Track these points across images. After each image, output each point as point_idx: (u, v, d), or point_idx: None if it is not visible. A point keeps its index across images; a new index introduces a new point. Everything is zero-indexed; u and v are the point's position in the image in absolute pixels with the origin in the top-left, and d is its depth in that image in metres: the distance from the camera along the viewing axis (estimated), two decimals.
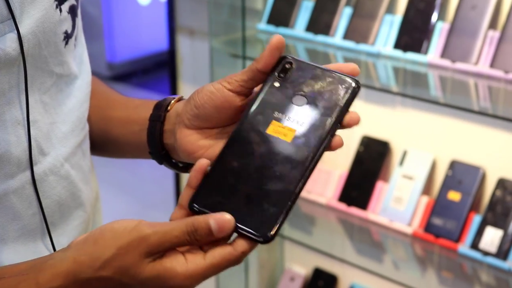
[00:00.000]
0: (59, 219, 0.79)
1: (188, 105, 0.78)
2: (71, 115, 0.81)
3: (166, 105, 0.83)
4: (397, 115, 1.88)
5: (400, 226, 1.80)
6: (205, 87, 0.76)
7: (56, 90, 0.79)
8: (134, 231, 0.65)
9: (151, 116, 0.84)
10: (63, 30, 0.77)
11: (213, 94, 0.75)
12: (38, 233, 0.77)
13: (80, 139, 0.83)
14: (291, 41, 1.96)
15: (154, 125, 0.83)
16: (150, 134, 0.83)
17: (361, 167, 1.92)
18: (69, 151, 0.81)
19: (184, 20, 2.27)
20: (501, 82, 1.61)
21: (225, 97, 0.74)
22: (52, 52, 0.76)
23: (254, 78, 0.73)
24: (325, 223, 2.07)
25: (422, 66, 1.73)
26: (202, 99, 0.76)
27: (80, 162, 0.84)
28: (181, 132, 0.79)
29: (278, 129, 0.69)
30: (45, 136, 0.77)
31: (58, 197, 0.79)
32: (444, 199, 1.77)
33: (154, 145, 0.84)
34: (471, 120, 1.74)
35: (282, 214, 0.65)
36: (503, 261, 1.64)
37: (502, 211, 1.68)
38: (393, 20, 1.79)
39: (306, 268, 2.17)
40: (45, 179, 0.77)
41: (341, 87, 0.70)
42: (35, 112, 0.75)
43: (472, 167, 1.75)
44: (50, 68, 0.77)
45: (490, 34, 1.65)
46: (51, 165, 0.77)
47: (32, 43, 0.72)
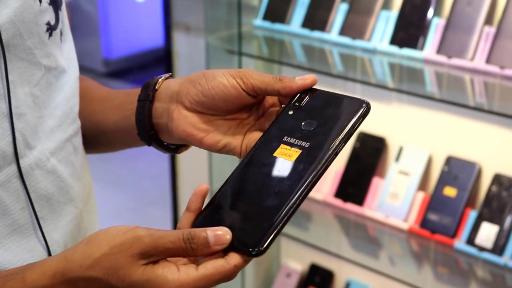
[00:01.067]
0: (49, 214, 0.79)
1: (192, 89, 0.77)
2: (58, 109, 0.81)
3: (154, 83, 0.82)
4: (393, 111, 1.88)
5: (396, 222, 1.81)
6: (216, 76, 0.76)
7: (46, 84, 0.78)
8: (129, 233, 0.64)
9: (140, 96, 0.83)
10: (45, 21, 0.77)
11: (227, 89, 0.75)
12: (29, 228, 0.77)
13: (68, 134, 0.83)
14: (287, 37, 1.96)
15: (142, 104, 0.82)
16: (139, 114, 0.83)
17: (357, 163, 1.92)
18: (56, 146, 0.80)
19: (180, 16, 2.27)
20: (497, 77, 1.61)
21: (238, 95, 0.75)
22: (36, 43, 0.76)
23: (270, 93, 0.74)
24: (321, 219, 2.07)
25: (418, 62, 1.73)
26: (213, 90, 0.76)
27: (70, 157, 0.83)
28: (179, 113, 0.78)
29: (284, 151, 0.71)
30: (32, 130, 0.76)
31: (45, 191, 0.78)
32: (440, 194, 1.77)
33: (142, 126, 0.83)
34: (467, 116, 1.75)
35: (273, 227, 0.65)
36: (499, 256, 1.64)
37: (498, 207, 1.68)
38: (389, 16, 1.79)
39: (302, 264, 2.17)
40: (31, 173, 0.76)
41: (350, 109, 0.72)
42: (24, 105, 0.75)
43: (468, 162, 1.75)
44: (37, 59, 0.76)
45: (486, 29, 1.65)
46: (37, 159, 0.77)
47: (12, 33, 0.72)
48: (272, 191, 0.68)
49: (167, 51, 2.33)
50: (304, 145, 0.70)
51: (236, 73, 0.75)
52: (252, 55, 2.06)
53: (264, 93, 0.75)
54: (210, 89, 0.76)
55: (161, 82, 0.83)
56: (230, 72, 0.75)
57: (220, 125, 0.78)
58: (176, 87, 0.80)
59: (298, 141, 0.71)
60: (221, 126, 0.78)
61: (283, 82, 0.74)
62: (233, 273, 0.64)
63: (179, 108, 0.79)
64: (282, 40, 2.00)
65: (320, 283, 2.12)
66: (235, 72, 0.75)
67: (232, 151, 0.78)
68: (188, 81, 0.78)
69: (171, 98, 0.80)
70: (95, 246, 0.64)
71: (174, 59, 2.32)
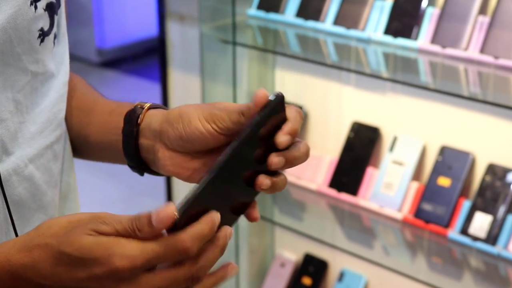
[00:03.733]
0: (18, 220, 0.78)
1: (172, 132, 0.76)
2: (41, 115, 0.80)
3: (136, 118, 0.81)
4: (387, 101, 1.88)
5: (390, 212, 1.81)
6: (192, 121, 0.75)
7: (31, 89, 0.77)
8: (87, 213, 0.65)
9: (123, 130, 0.82)
10: (38, 27, 0.76)
11: (203, 135, 0.74)
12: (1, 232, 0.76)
13: (50, 140, 0.82)
14: (281, 27, 1.96)
15: (127, 140, 0.81)
16: (126, 148, 0.82)
17: (351, 153, 1.92)
18: (35, 152, 0.79)
19: (174, 5, 2.26)
20: (491, 67, 1.62)
21: (216, 138, 0.74)
22: (26, 49, 0.75)
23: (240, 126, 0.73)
24: (315, 209, 2.08)
25: (412, 52, 1.73)
26: (190, 136, 0.75)
27: (49, 164, 0.82)
28: (163, 154, 0.78)
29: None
30: (11, 136, 0.75)
31: (18, 197, 0.77)
32: (434, 184, 1.77)
33: (132, 159, 0.82)
34: (461, 105, 1.75)
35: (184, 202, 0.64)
36: (492, 246, 1.65)
37: (491, 197, 1.69)
38: (384, 6, 1.79)
39: (296, 254, 2.18)
40: (8, 179, 0.75)
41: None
42: (5, 111, 0.74)
43: (462, 152, 1.76)
44: (24, 65, 0.75)
45: (480, 19, 1.65)
46: (14, 165, 0.76)
47: (2, 40, 0.71)
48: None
49: (161, 41, 2.32)
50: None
51: (209, 116, 0.74)
52: (246, 45, 2.06)
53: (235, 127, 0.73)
54: (187, 136, 0.75)
55: (142, 116, 0.81)
56: (205, 117, 0.74)
57: (204, 161, 0.77)
58: (157, 127, 0.79)
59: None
60: (205, 159, 0.77)
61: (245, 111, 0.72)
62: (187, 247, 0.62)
63: (162, 148, 0.78)
64: (276, 30, 2.00)
65: (314, 273, 2.13)
66: (208, 115, 0.74)
67: None
68: (167, 123, 0.77)
69: (154, 136, 0.79)
70: (55, 222, 0.65)
71: (168, 49, 2.31)
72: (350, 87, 1.94)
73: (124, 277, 0.62)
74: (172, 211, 0.62)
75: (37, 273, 0.64)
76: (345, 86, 1.94)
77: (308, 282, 2.12)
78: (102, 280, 0.62)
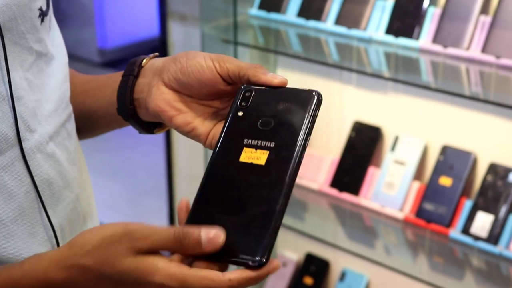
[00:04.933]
0: (50, 199, 0.79)
1: (172, 65, 0.78)
2: (53, 94, 0.81)
3: (140, 61, 0.84)
4: (389, 100, 1.88)
5: (391, 212, 1.81)
6: (196, 56, 0.77)
7: (38, 69, 0.79)
8: (121, 225, 0.65)
9: (124, 72, 0.84)
10: (37, 6, 0.78)
11: (202, 70, 0.76)
12: (34, 212, 0.77)
13: (63, 118, 0.83)
14: (283, 27, 1.96)
15: (126, 79, 0.83)
16: (121, 88, 0.83)
17: (353, 152, 1.92)
18: (53, 130, 0.81)
19: (175, 5, 2.26)
20: (493, 67, 1.61)
21: (212, 77, 0.76)
22: (29, 28, 0.76)
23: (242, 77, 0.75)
24: (317, 209, 2.08)
25: (414, 52, 1.73)
26: (189, 68, 0.77)
27: (65, 142, 0.84)
28: (157, 88, 0.79)
29: (250, 155, 0.69)
30: (31, 113, 0.77)
31: (46, 175, 0.78)
32: (435, 184, 1.77)
33: (123, 99, 0.83)
34: (463, 105, 1.75)
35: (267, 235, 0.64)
36: (494, 245, 1.65)
37: (493, 196, 1.69)
38: (385, 5, 1.78)
39: (298, 254, 2.18)
40: (33, 157, 0.77)
41: (304, 101, 0.71)
42: (20, 89, 0.75)
43: (464, 152, 1.76)
44: (29, 44, 0.77)
45: (481, 19, 1.65)
46: (37, 142, 0.77)
47: (8, 16, 0.73)
48: (254, 197, 0.66)
49: (162, 41, 2.32)
50: (269, 145, 0.69)
51: (215, 57, 0.76)
52: (247, 45, 2.06)
53: (237, 77, 0.75)
54: (187, 67, 0.77)
55: (148, 60, 0.84)
56: (210, 56, 0.76)
57: (193, 108, 0.79)
58: (160, 64, 0.81)
59: (261, 142, 0.69)
60: (194, 110, 0.78)
61: (256, 70, 0.74)
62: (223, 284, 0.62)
63: (158, 83, 0.79)
64: (277, 30, 2.00)
65: (315, 272, 2.13)
66: (215, 56, 0.76)
67: (198, 137, 0.78)
68: (171, 59, 0.80)
69: (154, 74, 0.81)
70: (88, 239, 0.66)
71: (169, 49, 2.31)
72: (352, 87, 1.94)
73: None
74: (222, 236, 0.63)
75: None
76: (347, 86, 1.94)
77: (310, 282, 2.12)
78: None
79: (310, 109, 0.70)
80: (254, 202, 0.66)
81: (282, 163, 0.67)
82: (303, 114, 0.70)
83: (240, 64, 0.75)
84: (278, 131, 0.70)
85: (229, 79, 0.76)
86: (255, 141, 0.70)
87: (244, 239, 0.64)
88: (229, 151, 0.71)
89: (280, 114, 0.71)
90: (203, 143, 0.78)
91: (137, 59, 0.84)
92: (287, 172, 0.67)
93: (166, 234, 0.63)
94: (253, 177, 0.68)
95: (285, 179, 0.66)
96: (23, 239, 0.76)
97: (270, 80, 0.73)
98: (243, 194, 0.67)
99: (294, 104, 0.71)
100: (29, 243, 0.77)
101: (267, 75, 0.73)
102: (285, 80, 0.73)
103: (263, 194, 0.66)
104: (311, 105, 0.70)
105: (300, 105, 0.71)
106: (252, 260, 0.63)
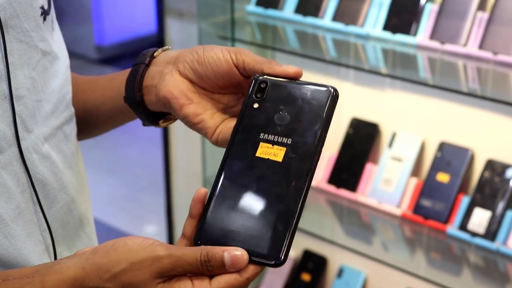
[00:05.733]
0: (43, 199, 0.79)
1: (189, 55, 0.79)
2: (53, 95, 0.81)
3: (152, 52, 0.84)
4: (386, 97, 1.88)
5: (389, 208, 1.81)
6: (213, 48, 0.78)
7: (43, 68, 0.79)
8: (148, 250, 0.64)
9: (136, 62, 0.84)
10: (39, 4, 0.78)
11: (219, 61, 0.77)
12: (30, 212, 0.77)
13: (60, 121, 0.83)
14: (280, 23, 1.95)
15: (137, 68, 0.83)
16: (131, 76, 0.83)
17: (350, 149, 1.92)
18: (49, 132, 0.81)
19: (173, 2, 2.26)
20: (490, 63, 1.61)
21: (229, 69, 0.76)
22: (33, 26, 0.77)
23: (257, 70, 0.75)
24: (314, 206, 2.08)
25: (411, 48, 1.73)
26: (206, 59, 0.77)
27: (61, 145, 0.83)
28: (171, 75, 0.79)
29: (267, 151, 0.69)
30: (30, 113, 0.77)
31: (41, 176, 0.78)
32: (433, 180, 1.77)
33: (131, 87, 0.83)
34: (460, 101, 1.75)
35: (289, 234, 0.64)
36: (491, 242, 1.65)
37: (490, 193, 1.69)
38: (382, 2, 1.78)
39: (295, 250, 2.18)
40: (29, 157, 0.77)
41: (320, 97, 0.70)
42: (23, 88, 0.75)
43: (461, 148, 1.76)
44: (34, 42, 0.77)
45: (479, 15, 1.65)
46: (33, 143, 0.77)
47: (9, 12, 0.73)
48: (272, 195, 0.66)
49: (160, 37, 2.32)
50: (286, 142, 0.68)
51: (232, 49, 0.77)
52: (245, 41, 2.05)
53: (252, 71, 0.75)
54: (205, 58, 0.77)
55: (161, 51, 0.84)
56: (228, 49, 0.77)
57: (205, 101, 0.79)
58: (175, 54, 0.82)
59: (277, 138, 0.69)
60: (205, 102, 0.79)
61: (270, 62, 0.74)
62: (245, 284, 0.64)
63: (173, 71, 0.80)
64: (275, 26, 2.00)
65: (313, 269, 2.13)
66: (232, 48, 0.77)
67: (205, 130, 0.78)
68: (188, 50, 0.80)
69: (167, 63, 0.81)
70: (114, 260, 0.65)
71: (167, 45, 2.31)
72: (349, 83, 1.94)
73: None
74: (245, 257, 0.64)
75: None
76: (344, 82, 1.94)
77: (307, 278, 2.12)
78: None
79: (327, 105, 0.69)
80: (273, 200, 0.66)
81: (299, 162, 0.67)
82: (320, 111, 0.69)
83: (255, 58, 0.75)
84: (295, 127, 0.69)
85: (245, 72, 0.76)
86: (271, 136, 0.69)
87: (264, 238, 0.65)
88: (245, 144, 0.70)
89: (297, 110, 0.70)
90: (209, 137, 0.78)
91: (149, 50, 0.85)
92: (306, 171, 0.66)
93: (192, 259, 0.64)
94: (270, 173, 0.67)
95: (304, 178, 0.66)
96: (22, 238, 0.76)
97: (285, 70, 0.74)
98: (261, 192, 0.67)
99: (311, 99, 0.70)
100: (27, 243, 0.77)
101: (281, 66, 0.74)
102: (300, 70, 0.74)
103: (281, 193, 0.66)
104: (327, 102, 0.70)
105: (317, 101, 0.70)
106: (274, 259, 0.64)
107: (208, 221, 0.67)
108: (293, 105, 0.70)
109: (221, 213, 0.67)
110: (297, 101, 0.71)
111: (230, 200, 0.67)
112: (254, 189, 0.67)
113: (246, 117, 0.71)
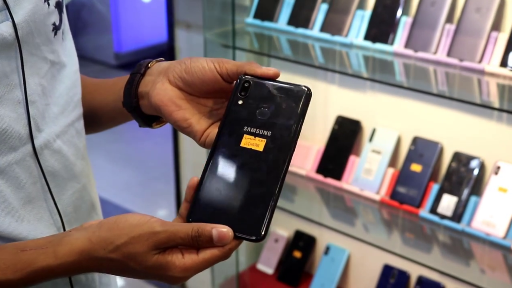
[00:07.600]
0: (54, 188, 0.80)
1: (178, 66, 0.78)
2: (61, 98, 0.82)
3: (147, 63, 0.84)
4: (367, 97, 1.89)
5: (369, 194, 1.82)
6: (199, 59, 0.78)
7: (51, 76, 0.80)
8: (147, 226, 0.67)
9: (132, 71, 0.85)
10: (51, 21, 0.79)
11: (204, 70, 0.76)
12: (40, 200, 0.78)
13: (71, 119, 0.84)
14: (275, 34, 1.96)
15: (133, 77, 0.83)
16: (128, 84, 0.83)
17: (336, 143, 1.93)
18: (60, 129, 0.81)
19: (181, 15, 2.26)
20: (457, 68, 1.62)
21: (213, 76, 0.76)
22: (44, 40, 0.77)
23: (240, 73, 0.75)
24: (304, 192, 2.08)
25: (389, 55, 1.73)
26: (193, 69, 0.77)
27: (73, 139, 0.84)
28: (162, 84, 0.79)
29: (250, 142, 0.70)
30: (41, 115, 0.78)
31: (52, 168, 0.79)
32: (407, 170, 1.78)
33: (128, 94, 0.83)
34: (431, 101, 1.75)
35: (268, 213, 0.66)
36: (457, 223, 1.66)
37: (457, 181, 1.69)
38: (364, 15, 1.78)
39: (288, 231, 2.18)
40: (40, 153, 0.78)
41: (296, 95, 0.71)
42: (34, 94, 0.76)
43: (432, 142, 1.76)
44: (44, 54, 0.78)
45: (447, 27, 1.65)
46: (45, 140, 0.78)
47: (26, 31, 0.74)
48: (254, 180, 0.67)
49: (170, 46, 2.32)
50: (267, 134, 0.69)
51: (215, 60, 0.77)
52: (244, 49, 2.06)
53: (235, 74, 0.75)
54: (192, 68, 0.77)
55: (154, 62, 0.84)
56: (211, 59, 0.77)
57: (192, 106, 0.78)
58: (166, 65, 0.81)
59: (259, 130, 0.70)
60: (192, 108, 0.78)
61: (251, 64, 0.75)
62: (228, 254, 0.67)
63: (163, 80, 0.79)
64: (270, 36, 2.00)
65: (303, 247, 2.13)
66: (215, 59, 0.77)
67: (193, 133, 0.77)
68: (177, 61, 0.80)
69: (159, 73, 0.81)
70: (117, 235, 0.67)
71: (176, 53, 2.31)
72: (335, 86, 1.94)
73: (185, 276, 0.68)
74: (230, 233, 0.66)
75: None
76: (330, 85, 1.95)
77: (298, 255, 2.13)
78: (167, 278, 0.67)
79: (302, 103, 0.70)
80: (255, 184, 0.67)
81: (278, 151, 0.68)
82: (295, 107, 0.70)
83: (236, 63, 0.76)
84: (274, 121, 0.70)
85: (228, 78, 0.76)
86: (254, 129, 0.70)
87: (246, 217, 0.66)
88: (231, 136, 0.71)
89: (276, 106, 0.71)
90: (197, 140, 0.77)
91: (144, 61, 0.85)
92: (283, 159, 0.68)
93: (184, 234, 0.66)
94: (253, 161, 0.68)
95: (281, 166, 0.67)
96: (32, 222, 0.77)
97: (265, 71, 0.74)
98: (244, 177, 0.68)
99: (288, 97, 0.71)
100: (37, 226, 0.78)
101: (262, 68, 0.74)
102: (278, 72, 0.74)
103: (262, 178, 0.67)
104: (302, 99, 0.71)
105: (293, 99, 0.71)
106: (255, 235, 0.65)
107: (199, 202, 0.68)
108: (273, 102, 0.71)
109: (209, 195, 0.68)
110: (276, 99, 0.71)
111: (217, 184, 0.69)
112: (239, 174, 0.68)
113: (232, 112, 0.72)
